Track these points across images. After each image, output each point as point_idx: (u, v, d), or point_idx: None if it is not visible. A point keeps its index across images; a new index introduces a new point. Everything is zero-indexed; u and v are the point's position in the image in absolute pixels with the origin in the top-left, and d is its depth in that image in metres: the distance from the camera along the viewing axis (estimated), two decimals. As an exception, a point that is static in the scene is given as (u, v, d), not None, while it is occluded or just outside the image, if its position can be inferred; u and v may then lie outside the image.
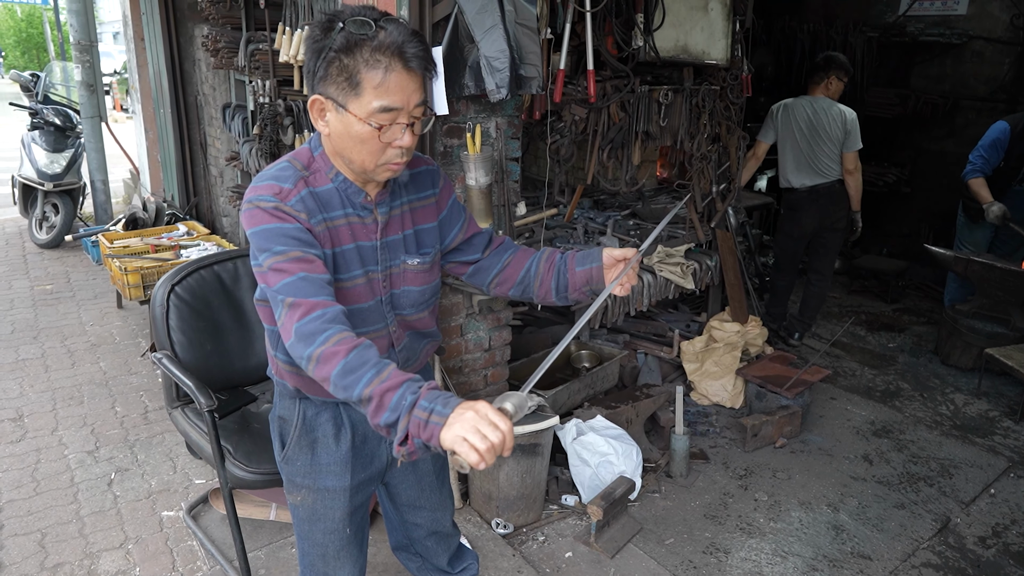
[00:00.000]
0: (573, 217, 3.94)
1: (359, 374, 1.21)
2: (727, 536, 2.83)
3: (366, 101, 1.30)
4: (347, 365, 1.22)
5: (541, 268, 1.62)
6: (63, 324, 4.63)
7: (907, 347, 4.69)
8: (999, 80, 5.55)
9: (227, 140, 5.39)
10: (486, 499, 2.81)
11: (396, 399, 1.18)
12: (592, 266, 1.55)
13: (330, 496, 1.62)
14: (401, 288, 1.53)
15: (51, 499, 2.90)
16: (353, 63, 1.28)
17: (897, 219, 6.22)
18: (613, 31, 3.12)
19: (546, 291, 1.61)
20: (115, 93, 16.50)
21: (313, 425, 1.59)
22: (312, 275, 1.31)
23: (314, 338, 1.25)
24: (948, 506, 3.06)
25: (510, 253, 1.67)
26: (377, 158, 1.36)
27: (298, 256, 1.31)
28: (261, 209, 1.34)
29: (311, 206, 1.38)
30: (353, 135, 1.34)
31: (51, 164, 6.11)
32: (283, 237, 1.32)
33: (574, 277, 1.57)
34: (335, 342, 1.24)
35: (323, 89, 1.33)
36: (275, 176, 1.39)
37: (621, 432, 3.05)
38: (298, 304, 1.28)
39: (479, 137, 2.62)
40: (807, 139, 4.18)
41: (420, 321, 1.60)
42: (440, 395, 1.18)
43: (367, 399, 1.19)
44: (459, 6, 2.39)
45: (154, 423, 3.48)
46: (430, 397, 1.17)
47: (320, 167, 1.43)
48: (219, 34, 4.61)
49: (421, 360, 1.69)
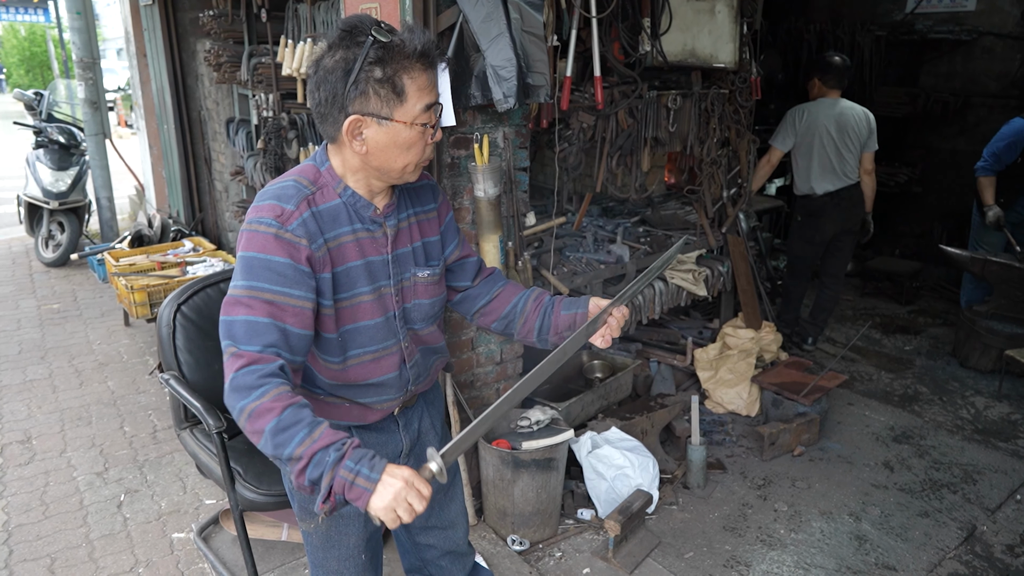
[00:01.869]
0: (582, 225, 3.89)
1: (292, 432, 1.20)
2: (747, 548, 2.77)
3: (411, 105, 1.31)
4: (280, 423, 1.21)
5: (528, 306, 1.61)
6: (70, 343, 4.60)
7: (924, 350, 4.62)
8: (1011, 76, 5.48)
9: (231, 155, 5.36)
10: (501, 515, 2.76)
11: (320, 455, 1.20)
12: (577, 312, 1.53)
13: (344, 522, 1.58)
14: (413, 302, 1.52)
15: (60, 523, 2.86)
16: (393, 72, 1.28)
17: (909, 219, 6.15)
18: (619, 36, 3.08)
19: (528, 330, 1.60)
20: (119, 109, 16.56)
21: None
22: (277, 323, 1.30)
23: (249, 392, 1.24)
24: (973, 513, 2.99)
25: (500, 286, 1.66)
26: (420, 157, 1.38)
27: (271, 299, 1.30)
28: (259, 234, 1.32)
29: (312, 229, 1.35)
30: (401, 143, 1.33)
31: (56, 182, 6.10)
32: (268, 272, 1.30)
33: (557, 320, 1.55)
34: (271, 398, 1.23)
35: (359, 107, 1.30)
36: (277, 195, 1.36)
37: (637, 444, 2.99)
38: (240, 355, 1.27)
39: (487, 147, 2.57)
40: (835, 143, 4.09)
41: (431, 335, 1.59)
42: (365, 455, 1.21)
43: (297, 458, 1.20)
44: (464, 15, 2.35)
45: (163, 443, 3.44)
46: (355, 457, 1.20)
47: (327, 182, 1.40)
48: (221, 48, 4.59)
49: (431, 377, 1.66)
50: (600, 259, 3.44)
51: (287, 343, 1.32)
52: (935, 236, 5.76)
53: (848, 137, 4.08)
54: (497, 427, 2.88)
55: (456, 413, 2.73)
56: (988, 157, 4.24)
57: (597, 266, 3.38)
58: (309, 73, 1.36)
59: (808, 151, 4.14)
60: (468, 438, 1.29)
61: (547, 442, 2.68)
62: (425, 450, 1.65)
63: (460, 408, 2.78)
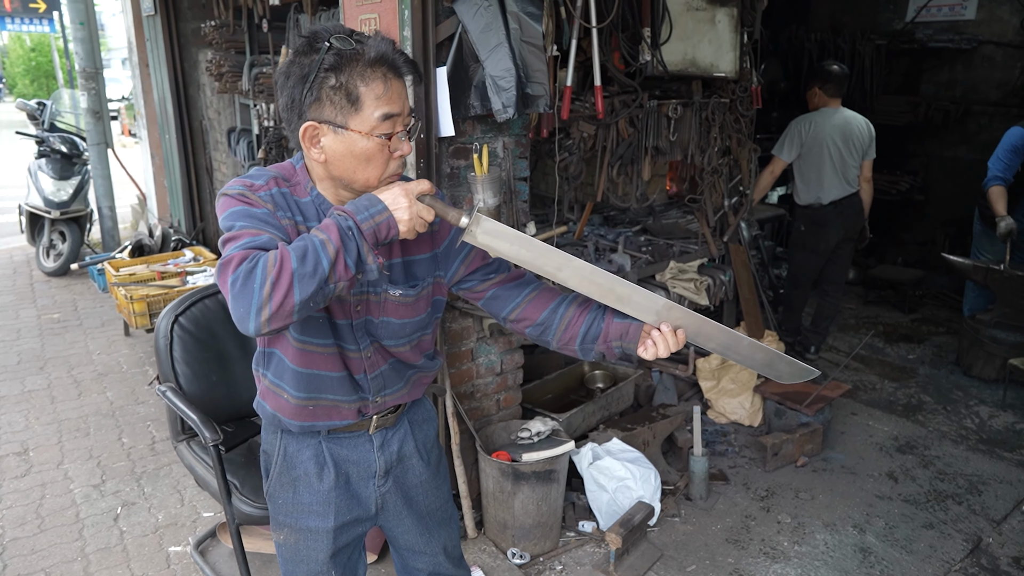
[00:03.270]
0: (584, 234, 3.87)
1: (307, 247, 1.13)
2: (751, 562, 2.74)
3: (368, 114, 1.26)
4: (297, 252, 1.13)
5: (571, 312, 1.49)
6: (70, 353, 4.59)
7: (927, 358, 4.59)
8: (1011, 84, 5.48)
9: (233, 164, 5.37)
10: (501, 528, 2.73)
11: (341, 237, 1.16)
12: (632, 322, 1.43)
13: (313, 537, 1.54)
14: (380, 318, 1.43)
15: (56, 536, 2.84)
16: (348, 79, 1.25)
17: (911, 228, 6.13)
18: (620, 46, 3.07)
19: (571, 337, 1.48)
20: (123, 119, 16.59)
21: (294, 462, 1.52)
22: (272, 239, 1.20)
23: (253, 272, 1.11)
24: (979, 525, 2.96)
25: (532, 288, 1.53)
26: (382, 172, 1.32)
27: (258, 230, 1.22)
28: (228, 196, 1.29)
29: (280, 203, 1.33)
30: (357, 153, 1.29)
31: (58, 192, 6.10)
32: (250, 217, 1.25)
33: (609, 327, 1.45)
34: (275, 256, 1.12)
35: (315, 114, 1.28)
36: (249, 174, 1.36)
37: (638, 455, 2.96)
38: (230, 259, 1.14)
39: (486, 158, 2.56)
40: (840, 152, 4.08)
41: (403, 354, 1.50)
42: (357, 204, 1.22)
43: (334, 261, 1.14)
44: (463, 25, 2.35)
45: (161, 454, 3.42)
46: (355, 209, 1.20)
47: (300, 180, 1.38)
48: (223, 59, 4.60)
49: (410, 390, 1.56)
50: (602, 268, 3.42)
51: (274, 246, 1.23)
52: (937, 244, 5.74)
53: (852, 146, 4.08)
54: (496, 438, 2.85)
55: (456, 425, 2.71)
56: (995, 166, 4.21)
57: (598, 275, 3.36)
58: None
59: (817, 162, 4.12)
60: (510, 235, 1.30)
61: (548, 454, 2.66)
62: (407, 475, 1.61)
63: (460, 419, 2.76)
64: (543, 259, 1.34)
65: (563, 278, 1.36)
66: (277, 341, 1.44)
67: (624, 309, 1.41)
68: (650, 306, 1.40)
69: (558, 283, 1.42)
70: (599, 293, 1.39)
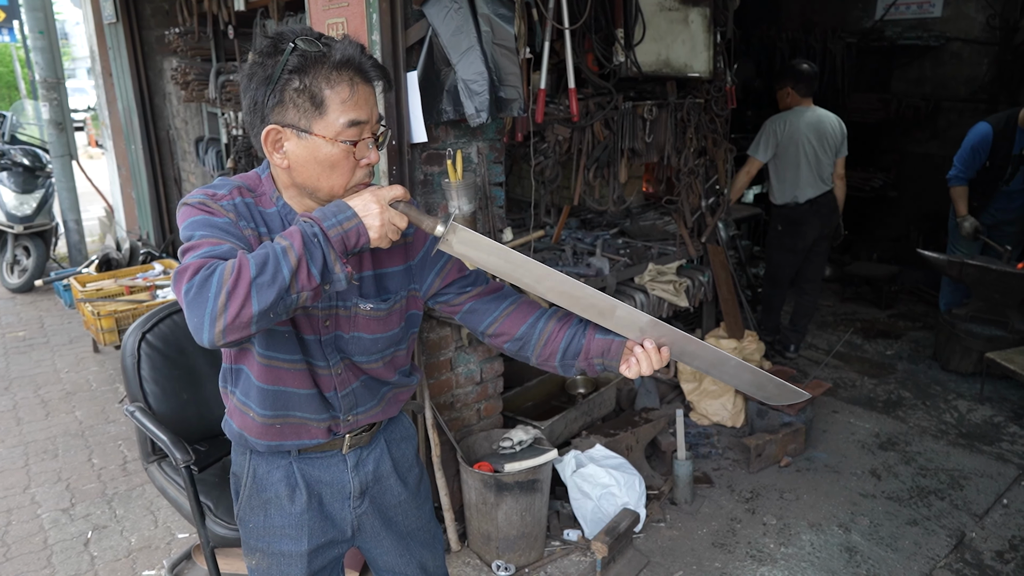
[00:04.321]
0: (561, 238, 3.84)
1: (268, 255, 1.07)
2: (738, 565, 2.71)
3: (332, 119, 1.21)
4: (256, 260, 1.06)
5: (550, 326, 1.42)
6: (36, 372, 4.45)
7: (905, 354, 4.62)
8: (979, 80, 5.55)
9: (202, 174, 5.26)
10: (485, 540, 2.68)
11: (306, 244, 1.09)
12: (615, 338, 1.36)
13: (286, 561, 1.48)
14: (351, 333, 1.37)
15: (23, 564, 2.73)
16: (313, 82, 1.20)
17: (885, 223, 6.18)
18: (593, 47, 3.04)
19: (550, 352, 1.42)
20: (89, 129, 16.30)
21: (264, 484, 1.45)
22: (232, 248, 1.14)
23: (209, 280, 1.05)
24: (962, 520, 2.96)
25: (511, 302, 1.47)
26: (347, 181, 1.27)
27: (220, 240, 1.16)
28: (189, 205, 1.23)
29: (243, 213, 1.27)
30: (321, 159, 1.23)
31: (20, 206, 5.94)
32: (210, 227, 1.19)
33: (591, 343, 1.38)
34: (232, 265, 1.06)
35: (278, 117, 1.22)
36: (212, 184, 1.30)
37: (622, 461, 2.93)
38: (186, 268, 1.08)
39: (460, 163, 2.51)
40: (815, 151, 4.10)
41: (375, 370, 1.44)
42: (325, 210, 1.15)
43: (295, 268, 1.08)
44: (433, 28, 2.30)
45: (133, 474, 3.32)
46: (322, 216, 1.14)
47: (266, 190, 1.32)
48: (188, 66, 4.51)
49: (384, 408, 1.50)
50: (580, 272, 3.39)
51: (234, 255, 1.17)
52: (912, 239, 5.79)
53: (826, 143, 4.10)
54: (478, 449, 2.80)
55: (436, 436, 2.65)
56: (958, 164, 4.27)
57: (578, 279, 3.32)
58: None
59: (793, 161, 4.13)
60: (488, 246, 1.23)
61: (531, 463, 2.61)
62: (384, 495, 1.55)
63: (440, 431, 2.71)
64: (522, 270, 1.27)
65: (543, 291, 1.29)
66: (243, 357, 1.38)
67: (606, 324, 1.34)
68: (634, 321, 1.32)
69: (538, 296, 1.35)
70: (580, 307, 1.32)
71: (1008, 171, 4.28)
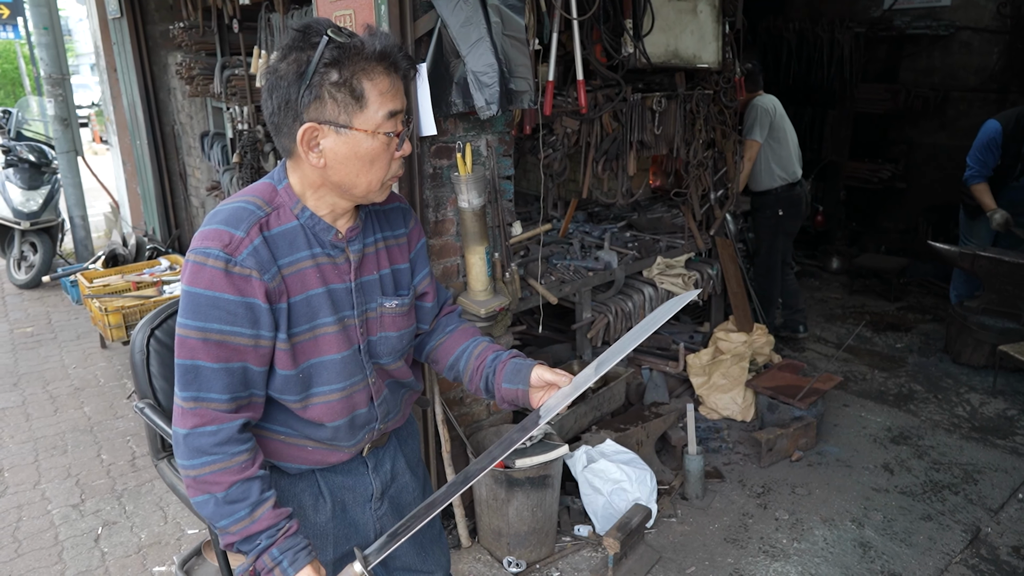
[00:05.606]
0: (569, 232, 3.81)
1: (233, 508, 1.21)
2: (750, 561, 2.70)
3: (373, 111, 1.18)
4: (227, 497, 1.21)
5: (471, 364, 1.48)
6: (44, 368, 4.45)
7: (916, 347, 4.58)
8: (989, 70, 5.49)
9: (207, 169, 5.25)
10: (496, 536, 2.67)
11: (252, 538, 1.22)
12: (519, 388, 1.39)
13: None
14: (379, 334, 1.37)
15: (34, 560, 2.73)
16: (351, 74, 1.16)
17: (894, 215, 6.14)
18: (602, 39, 3.01)
19: (475, 388, 1.48)
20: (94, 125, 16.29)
21: (287, 496, 1.42)
22: (230, 365, 1.20)
23: (199, 456, 1.21)
24: (977, 515, 2.94)
25: (452, 329, 1.54)
26: (384, 174, 1.25)
27: (223, 340, 1.19)
28: (207, 268, 1.18)
29: (264, 257, 1.21)
30: (362, 155, 1.20)
31: (27, 202, 5.94)
32: (217, 311, 1.18)
33: (500, 392, 1.43)
34: (219, 469, 1.21)
35: (315, 114, 1.17)
36: (227, 220, 1.21)
37: (633, 456, 2.91)
38: (195, 413, 1.21)
39: (470, 156, 2.49)
40: (791, 131, 4.36)
41: (399, 370, 1.45)
42: (292, 547, 1.23)
43: (232, 533, 1.22)
44: (442, 20, 2.27)
45: (142, 470, 3.32)
46: (283, 547, 1.23)
47: (284, 203, 1.26)
48: (193, 61, 4.48)
49: (403, 413, 1.52)
50: (588, 266, 3.37)
51: (247, 382, 1.23)
52: (920, 231, 5.75)
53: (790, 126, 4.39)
54: (488, 444, 2.78)
55: (446, 432, 2.64)
56: (972, 164, 4.22)
57: (585, 273, 3.31)
58: (263, 81, 1.24)
59: (784, 138, 4.31)
60: (394, 541, 1.26)
61: (541, 459, 2.59)
62: (401, 494, 1.56)
63: (450, 426, 2.69)
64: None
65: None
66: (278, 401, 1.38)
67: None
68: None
69: None
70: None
71: (1019, 167, 4.24)
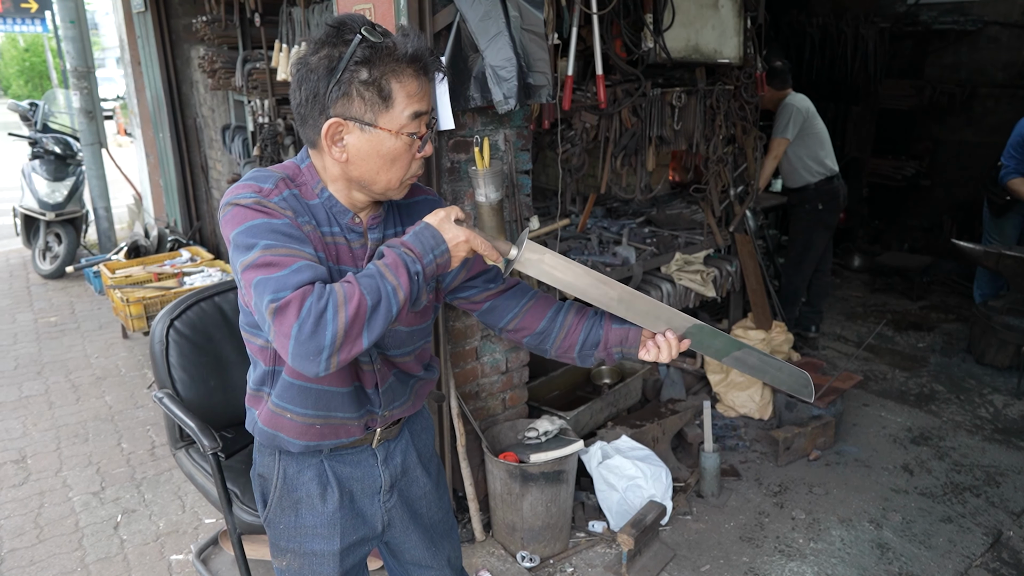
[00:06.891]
0: (587, 227, 3.80)
1: (375, 282, 1.13)
2: (766, 560, 2.68)
3: (398, 112, 1.19)
4: (371, 299, 1.11)
5: (568, 319, 1.45)
6: (67, 357, 4.52)
7: (938, 346, 4.52)
8: (1017, 66, 5.38)
9: (228, 162, 5.29)
10: (510, 530, 2.67)
11: (411, 280, 1.16)
12: (630, 327, 1.40)
13: (318, 561, 1.46)
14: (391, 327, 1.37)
15: (55, 546, 2.77)
16: (381, 74, 1.17)
17: (918, 213, 6.05)
18: (621, 33, 2.99)
19: (570, 345, 1.45)
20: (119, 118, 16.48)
21: (295, 484, 1.43)
22: (308, 262, 1.14)
23: (323, 318, 1.08)
24: (998, 518, 2.89)
25: (529, 298, 1.48)
26: (404, 174, 1.26)
27: (289, 253, 1.14)
28: (242, 207, 1.18)
29: (296, 206, 1.23)
30: (384, 153, 1.22)
31: (52, 193, 6.03)
32: (272, 232, 1.16)
33: (609, 333, 1.41)
34: (344, 300, 1.10)
35: (342, 110, 1.19)
36: (254, 177, 1.25)
37: (648, 453, 2.90)
38: (288, 301, 1.08)
39: (487, 151, 2.48)
40: (823, 128, 4.31)
41: (407, 364, 1.45)
42: (423, 242, 1.18)
43: (401, 306, 1.15)
44: (461, 14, 2.26)
45: (161, 459, 3.36)
46: (422, 250, 1.18)
47: (307, 180, 1.28)
48: (215, 54, 4.52)
49: (414, 402, 1.51)
50: (606, 261, 3.35)
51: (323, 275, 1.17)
52: (944, 229, 5.66)
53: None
54: (503, 438, 2.79)
55: (461, 426, 2.64)
56: (1007, 162, 4.15)
57: (603, 268, 3.29)
58: (292, 72, 1.25)
59: (819, 134, 4.26)
60: (562, 265, 1.25)
61: (556, 454, 2.59)
62: (411, 487, 1.55)
63: (465, 420, 2.70)
64: (600, 290, 1.30)
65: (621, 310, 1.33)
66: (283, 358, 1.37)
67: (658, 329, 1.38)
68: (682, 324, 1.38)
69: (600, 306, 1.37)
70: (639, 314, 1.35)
71: None
